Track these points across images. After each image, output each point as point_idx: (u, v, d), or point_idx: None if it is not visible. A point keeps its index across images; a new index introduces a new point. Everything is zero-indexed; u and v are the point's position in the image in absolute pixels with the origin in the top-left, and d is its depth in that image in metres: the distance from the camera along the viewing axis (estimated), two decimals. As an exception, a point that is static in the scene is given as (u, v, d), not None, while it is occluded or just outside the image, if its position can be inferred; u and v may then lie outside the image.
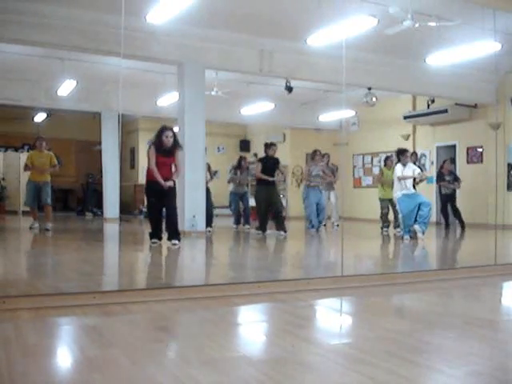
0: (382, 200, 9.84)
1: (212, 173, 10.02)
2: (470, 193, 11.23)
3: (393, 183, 9.15)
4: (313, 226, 9.70)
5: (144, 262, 6.08)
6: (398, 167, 8.08)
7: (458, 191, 10.86)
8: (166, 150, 6.56)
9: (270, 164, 8.90)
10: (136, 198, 15.70)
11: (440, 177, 10.79)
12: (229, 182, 10.77)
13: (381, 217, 9.86)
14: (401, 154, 8.16)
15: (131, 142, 16.90)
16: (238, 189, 10.45)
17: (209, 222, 9.15)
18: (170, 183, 6.55)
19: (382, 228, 9.80)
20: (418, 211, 7.87)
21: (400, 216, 8.31)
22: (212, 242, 8.52)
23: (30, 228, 9.15)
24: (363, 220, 12.99)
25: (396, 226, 9.56)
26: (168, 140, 6.53)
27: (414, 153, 10.73)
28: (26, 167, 9.26)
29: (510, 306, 3.90)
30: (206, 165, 9.27)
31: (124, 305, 3.25)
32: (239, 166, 10.51)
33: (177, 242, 6.64)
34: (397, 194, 8.12)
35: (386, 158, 10.06)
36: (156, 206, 6.72)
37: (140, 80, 10.61)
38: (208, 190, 9.31)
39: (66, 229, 10.27)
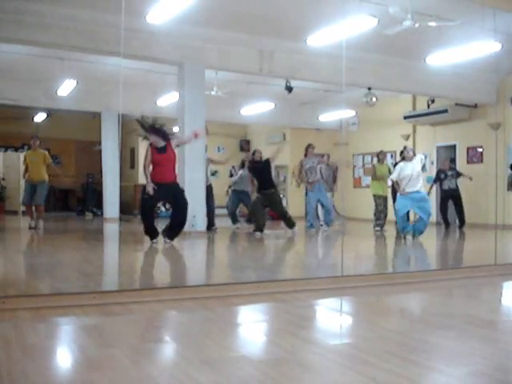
0: (377, 197, 9.86)
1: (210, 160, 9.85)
2: (470, 193, 11.23)
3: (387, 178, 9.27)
4: (311, 226, 9.68)
5: (144, 261, 6.07)
6: (399, 167, 8.00)
7: (460, 189, 10.83)
8: (159, 148, 6.67)
9: (258, 168, 8.89)
10: (136, 198, 15.67)
11: (440, 173, 10.72)
12: (233, 184, 10.66)
13: (374, 214, 9.90)
14: (403, 151, 8.13)
15: (131, 142, 16.88)
16: (239, 186, 10.30)
17: (211, 222, 9.17)
18: (150, 188, 6.52)
19: (374, 227, 9.84)
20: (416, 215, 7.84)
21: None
22: (212, 241, 8.51)
23: (30, 228, 9.16)
24: (363, 220, 12.98)
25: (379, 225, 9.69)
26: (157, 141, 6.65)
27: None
28: (26, 169, 9.38)
29: (510, 305, 3.90)
30: (207, 160, 9.25)
31: (124, 305, 3.25)
32: (243, 166, 10.42)
33: (169, 240, 6.76)
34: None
35: (379, 153, 10.14)
36: (149, 205, 6.76)
37: (140, 80, 10.61)
38: (209, 189, 9.32)
39: (66, 229, 10.27)
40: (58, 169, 9.68)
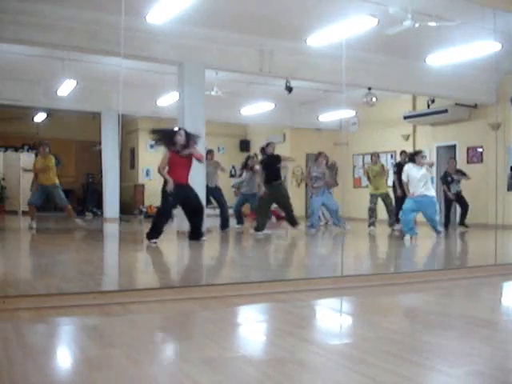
0: (371, 195, 10.02)
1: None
2: (470, 193, 11.22)
3: (383, 177, 9.26)
4: (312, 226, 9.69)
5: (144, 261, 6.08)
6: (407, 168, 8.03)
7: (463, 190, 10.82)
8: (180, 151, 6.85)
9: (270, 161, 8.91)
10: (136, 198, 15.70)
11: (447, 177, 10.66)
12: (237, 187, 10.71)
13: (368, 210, 9.97)
14: (415, 155, 8.14)
15: (131, 142, 16.89)
16: (249, 190, 10.31)
17: (225, 223, 9.48)
18: (170, 187, 6.66)
19: (368, 226, 9.86)
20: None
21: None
22: (212, 242, 8.51)
23: (30, 228, 9.16)
24: (363, 220, 12.97)
25: (390, 224, 9.74)
26: (181, 138, 6.89)
27: (404, 152, 10.72)
28: (35, 176, 9.59)
29: (510, 305, 3.90)
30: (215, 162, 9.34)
31: (124, 305, 3.25)
32: (245, 166, 10.40)
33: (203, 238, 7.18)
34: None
35: (372, 154, 10.24)
36: (171, 207, 6.91)
37: (140, 80, 10.62)
38: (217, 189, 9.43)
39: (66, 229, 10.26)
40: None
